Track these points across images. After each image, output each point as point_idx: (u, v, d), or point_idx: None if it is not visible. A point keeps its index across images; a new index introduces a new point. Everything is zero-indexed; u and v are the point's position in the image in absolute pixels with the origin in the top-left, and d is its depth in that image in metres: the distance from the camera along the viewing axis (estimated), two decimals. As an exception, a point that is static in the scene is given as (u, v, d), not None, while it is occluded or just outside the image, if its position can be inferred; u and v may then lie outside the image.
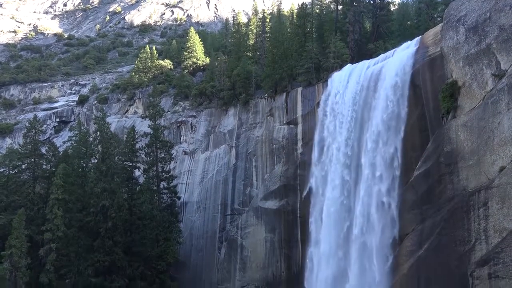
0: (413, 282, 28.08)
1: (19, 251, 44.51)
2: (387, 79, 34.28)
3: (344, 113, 38.53)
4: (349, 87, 38.74)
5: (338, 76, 42.09)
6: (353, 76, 39.16)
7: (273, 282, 48.96)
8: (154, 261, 54.58)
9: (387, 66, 35.37)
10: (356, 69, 40.04)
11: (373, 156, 33.23)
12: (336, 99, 40.18)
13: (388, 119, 33.12)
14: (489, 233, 23.84)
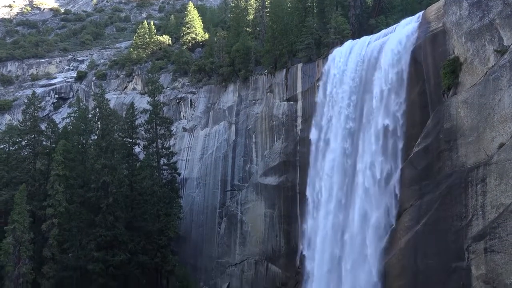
0: (410, 256, 28.65)
1: (22, 226, 45.10)
2: (388, 55, 34.00)
3: (344, 89, 38.36)
4: (350, 63, 38.45)
5: (339, 52, 41.71)
6: (354, 52, 38.81)
7: (273, 256, 49.85)
8: (155, 236, 55.42)
9: (388, 42, 35.02)
10: (357, 45, 39.64)
11: (372, 133, 33.29)
12: (337, 76, 39.93)
13: (388, 95, 33.04)
14: (486, 208, 24.19)
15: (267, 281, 49.88)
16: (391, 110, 32.67)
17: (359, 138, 34.72)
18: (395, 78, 32.95)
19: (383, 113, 32.90)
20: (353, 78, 37.23)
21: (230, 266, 55.92)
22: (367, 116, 34.24)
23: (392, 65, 33.25)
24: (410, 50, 32.51)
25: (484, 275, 22.74)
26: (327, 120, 40.01)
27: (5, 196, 51.15)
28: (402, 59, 32.76)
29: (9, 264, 43.81)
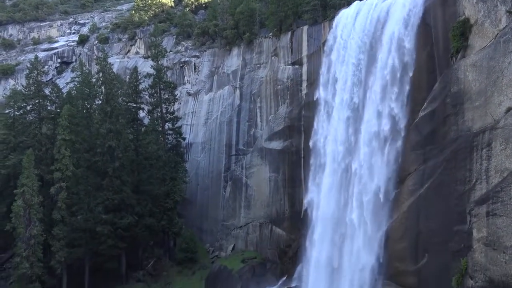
0: (413, 219, 29.09)
1: (31, 189, 46.00)
2: (396, 17, 33.11)
3: (350, 53, 37.66)
4: (357, 25, 37.53)
5: (346, 14, 40.63)
6: (361, 14, 37.78)
7: (277, 219, 50.78)
8: (161, 199, 56.50)
9: (396, 4, 34.01)
10: (364, 6, 38.51)
11: (379, 98, 32.98)
12: (343, 38, 39.10)
13: (396, 59, 32.45)
14: (490, 173, 24.25)
15: (272, 243, 51.06)
16: (397, 74, 32.19)
17: (365, 103, 34.47)
18: (403, 41, 32.21)
19: (390, 78, 32.44)
20: (360, 41, 36.43)
21: (235, 228, 57.16)
22: (373, 80, 33.79)
23: (400, 27, 32.44)
24: (419, 12, 31.59)
25: (485, 237, 23.12)
26: (332, 83, 39.53)
27: (13, 160, 51.89)
28: (410, 21, 31.93)
29: (20, 226, 45.03)
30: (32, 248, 45.38)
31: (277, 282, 43.82)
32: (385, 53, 33.30)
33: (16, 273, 45.10)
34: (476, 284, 23.11)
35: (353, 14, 38.93)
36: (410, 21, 31.95)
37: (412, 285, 28.97)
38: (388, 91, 32.47)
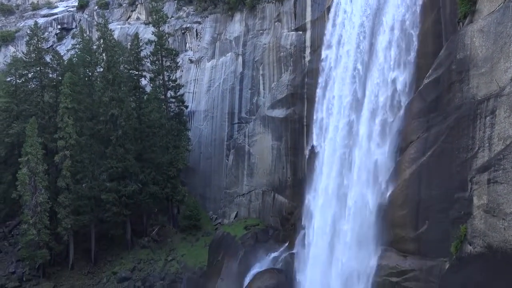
0: (414, 186, 29.15)
1: (35, 157, 46.40)
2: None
3: (354, 20, 36.73)
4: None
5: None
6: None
7: (279, 186, 51.22)
8: (165, 167, 56.96)
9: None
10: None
11: (383, 63, 32.39)
12: (348, 3, 38.02)
13: (401, 24, 31.64)
14: (493, 141, 24.05)
15: (274, 210, 51.75)
16: (403, 40, 31.45)
17: (369, 69, 33.88)
18: (408, 5, 31.31)
19: (395, 43, 31.74)
20: (365, 5, 35.44)
21: (238, 196, 57.82)
22: (378, 45, 33.05)
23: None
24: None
25: (485, 204, 23.18)
26: (337, 50, 38.76)
27: (17, 128, 52.08)
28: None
29: (26, 193, 45.74)
30: (39, 215, 46.27)
31: (279, 248, 44.65)
32: (390, 18, 32.46)
33: (23, 240, 46.18)
34: (475, 250, 23.37)
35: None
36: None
37: (411, 251, 29.40)
38: (393, 56, 31.85)
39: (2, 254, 51.96)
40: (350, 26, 36.82)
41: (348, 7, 37.82)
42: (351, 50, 35.76)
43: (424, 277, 27.98)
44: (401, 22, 31.63)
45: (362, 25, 35.15)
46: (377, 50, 33.04)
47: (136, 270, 51.40)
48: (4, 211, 54.26)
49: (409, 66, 31.19)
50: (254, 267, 43.04)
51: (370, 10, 34.98)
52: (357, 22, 35.88)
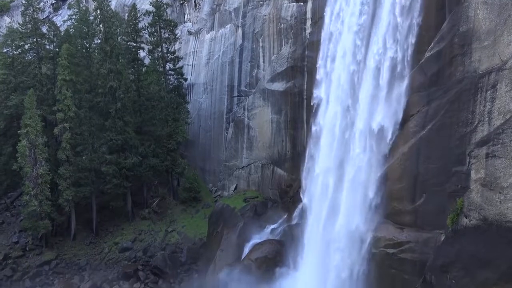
0: (412, 160, 29.38)
1: (35, 130, 46.42)
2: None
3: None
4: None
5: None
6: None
7: (279, 160, 51.49)
8: (164, 140, 57.11)
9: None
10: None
11: (386, 36, 31.94)
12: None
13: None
14: (493, 115, 24.09)
15: (273, 183, 52.23)
16: (405, 12, 30.89)
17: (371, 42, 33.44)
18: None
19: (398, 15, 31.19)
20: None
21: (237, 169, 58.22)
22: (380, 16, 32.50)
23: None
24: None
25: (483, 178, 23.45)
26: (337, 20, 38.07)
27: (15, 101, 51.86)
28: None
29: (27, 165, 45.99)
30: (40, 187, 46.68)
31: (278, 220, 45.33)
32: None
33: (25, 211, 46.76)
34: (470, 223, 23.80)
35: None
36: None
37: (408, 223, 29.92)
38: (395, 28, 31.39)
39: (5, 224, 52.75)
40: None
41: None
42: (353, 22, 35.11)
43: (419, 248, 28.60)
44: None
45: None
46: (379, 20, 32.50)
47: (137, 240, 52.32)
48: (5, 182, 54.71)
49: (410, 38, 30.77)
50: (253, 238, 43.81)
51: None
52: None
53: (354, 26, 34.57)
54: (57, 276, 46.24)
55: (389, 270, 30.00)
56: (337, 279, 32.71)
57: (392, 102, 31.07)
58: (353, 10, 35.09)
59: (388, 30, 31.50)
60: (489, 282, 22.57)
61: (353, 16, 34.91)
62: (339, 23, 36.90)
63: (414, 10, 30.51)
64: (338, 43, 36.83)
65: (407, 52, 30.74)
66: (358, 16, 34.36)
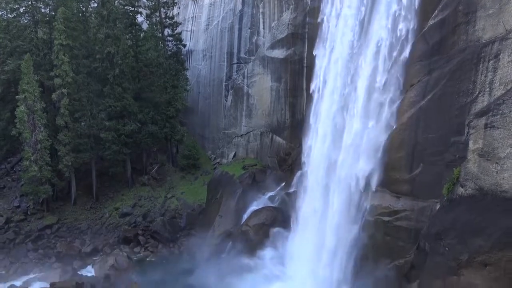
0: (411, 130, 29.43)
1: (33, 95, 46.10)
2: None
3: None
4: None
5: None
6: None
7: (278, 128, 51.53)
8: (163, 107, 56.92)
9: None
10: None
11: (387, 6, 31.29)
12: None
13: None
14: (494, 85, 23.95)
15: (272, 151, 52.49)
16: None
17: (374, 9, 32.77)
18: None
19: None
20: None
21: (236, 136, 58.34)
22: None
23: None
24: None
25: (480, 149, 23.55)
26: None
27: (11, 65, 51.23)
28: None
29: (26, 131, 45.97)
30: (40, 153, 46.85)
31: (276, 187, 45.86)
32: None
33: (26, 176, 47.12)
34: (466, 192, 24.12)
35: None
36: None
37: (404, 192, 30.30)
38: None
39: (6, 189, 53.31)
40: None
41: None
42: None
43: (415, 217, 29.11)
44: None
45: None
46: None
47: (137, 206, 53.09)
48: (5, 147, 54.88)
49: (413, 7, 30.13)
50: (251, 205, 44.47)
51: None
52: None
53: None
54: (59, 239, 47.19)
55: (384, 237, 30.65)
56: (334, 242, 33.40)
57: (393, 71, 30.80)
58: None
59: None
60: (481, 249, 23.11)
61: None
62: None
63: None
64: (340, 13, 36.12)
65: (410, 21, 30.15)
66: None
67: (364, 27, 33.42)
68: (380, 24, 31.63)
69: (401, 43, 30.73)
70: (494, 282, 22.62)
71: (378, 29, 31.88)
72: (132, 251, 46.14)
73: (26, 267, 41.99)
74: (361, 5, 33.64)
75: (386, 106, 31.21)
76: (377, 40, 31.84)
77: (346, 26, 34.98)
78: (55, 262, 42.99)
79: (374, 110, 31.82)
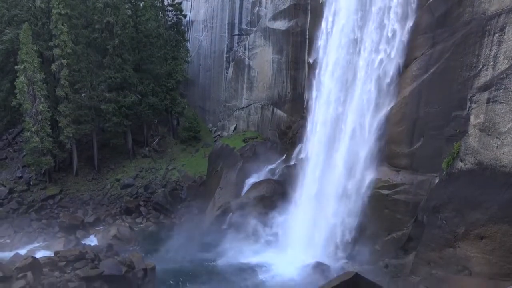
0: (413, 104, 29.34)
1: (32, 66, 45.68)
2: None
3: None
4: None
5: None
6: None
7: (279, 101, 51.31)
8: (163, 79, 56.54)
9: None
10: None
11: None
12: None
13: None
14: (498, 59, 23.70)
15: (272, 124, 52.43)
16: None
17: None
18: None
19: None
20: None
21: (237, 109, 58.18)
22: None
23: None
24: None
25: (482, 123, 23.55)
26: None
27: (10, 35, 50.54)
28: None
29: (26, 102, 45.82)
30: (40, 124, 46.85)
31: (277, 160, 46.08)
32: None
33: (27, 147, 47.29)
34: (466, 166, 24.27)
35: None
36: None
37: (404, 166, 30.50)
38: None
39: (8, 160, 53.62)
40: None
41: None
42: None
43: (413, 190, 29.41)
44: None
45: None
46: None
47: (138, 177, 53.53)
48: (5, 118, 54.84)
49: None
50: (251, 177, 44.81)
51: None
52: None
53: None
54: (61, 209, 47.81)
55: (382, 210, 31.07)
56: (333, 214, 33.88)
57: (396, 43, 30.40)
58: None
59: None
60: (478, 222, 23.47)
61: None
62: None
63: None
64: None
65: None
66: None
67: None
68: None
69: (405, 15, 30.21)
70: (490, 254, 23.09)
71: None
72: (134, 222, 46.85)
73: (30, 236, 42.72)
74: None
75: (388, 78, 30.98)
76: (379, 7, 31.25)
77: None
78: (59, 232, 43.70)
79: (376, 82, 31.57)
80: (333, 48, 36.24)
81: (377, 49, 31.49)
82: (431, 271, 25.85)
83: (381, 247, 31.07)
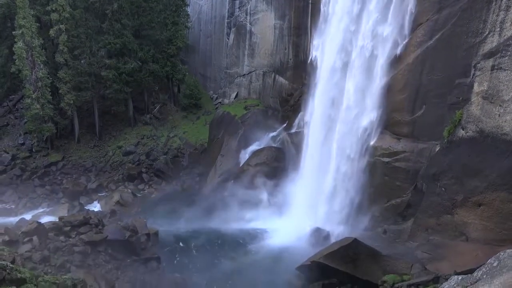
0: (416, 71, 28.98)
1: (30, 31, 44.94)
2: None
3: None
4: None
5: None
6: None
7: (280, 68, 50.69)
8: (164, 45, 55.69)
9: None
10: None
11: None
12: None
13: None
14: (505, 25, 23.17)
15: (274, 91, 52.03)
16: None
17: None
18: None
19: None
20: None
21: (238, 76, 57.60)
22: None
23: None
24: None
25: (485, 91, 23.33)
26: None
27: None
28: None
29: (25, 68, 45.40)
30: (41, 90, 46.60)
31: (278, 128, 46.07)
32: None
33: (28, 113, 47.25)
34: (467, 134, 24.26)
35: None
36: None
37: (405, 134, 30.50)
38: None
39: (9, 126, 53.73)
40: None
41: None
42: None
43: (414, 158, 29.53)
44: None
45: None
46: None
47: (140, 144, 53.75)
48: (5, 85, 54.51)
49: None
50: (252, 145, 44.95)
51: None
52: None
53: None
54: (64, 176, 48.33)
55: (382, 177, 31.31)
56: (333, 181, 34.20)
57: (402, 8, 29.68)
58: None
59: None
60: (477, 190, 23.70)
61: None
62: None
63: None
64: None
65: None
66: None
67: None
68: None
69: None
70: (487, 220, 23.45)
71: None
72: (137, 188, 47.43)
73: (34, 202, 43.42)
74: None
75: (391, 42, 30.43)
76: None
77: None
78: (63, 198, 44.38)
79: (381, 44, 31.01)
80: (335, 23, 35.48)
81: (384, 22, 30.76)
82: (429, 237, 26.36)
83: (380, 214, 31.53)
